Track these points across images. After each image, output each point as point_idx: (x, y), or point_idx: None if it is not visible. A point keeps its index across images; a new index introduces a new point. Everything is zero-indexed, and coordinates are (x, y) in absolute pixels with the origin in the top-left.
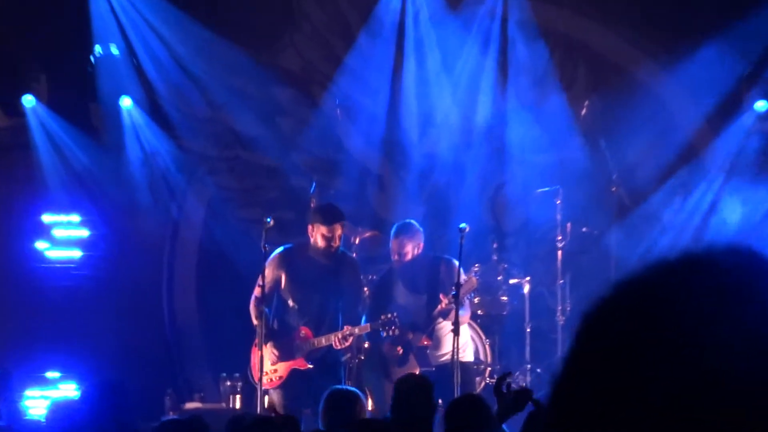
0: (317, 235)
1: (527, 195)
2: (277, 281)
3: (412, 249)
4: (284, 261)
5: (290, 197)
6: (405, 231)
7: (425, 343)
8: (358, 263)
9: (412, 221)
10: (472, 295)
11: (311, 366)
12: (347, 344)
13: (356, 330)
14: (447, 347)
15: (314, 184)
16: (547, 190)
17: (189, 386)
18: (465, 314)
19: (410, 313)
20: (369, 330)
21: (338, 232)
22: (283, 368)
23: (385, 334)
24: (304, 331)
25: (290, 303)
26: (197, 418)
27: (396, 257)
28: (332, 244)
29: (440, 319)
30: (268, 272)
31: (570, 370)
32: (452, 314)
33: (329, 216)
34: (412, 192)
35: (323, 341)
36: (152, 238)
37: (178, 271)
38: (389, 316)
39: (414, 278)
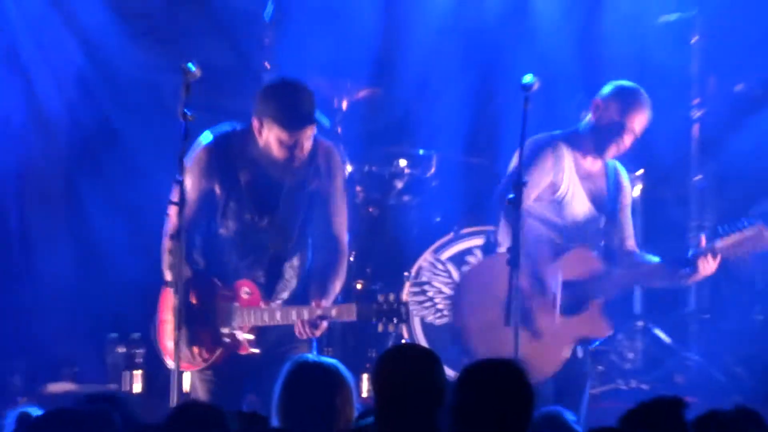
0: (270, 138)
1: None
2: (209, 194)
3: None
4: (218, 161)
5: (224, 25)
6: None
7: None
8: (339, 154)
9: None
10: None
11: (258, 351)
12: (315, 334)
13: (332, 311)
14: None
15: (271, 1)
16: None
17: (52, 356)
18: None
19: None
20: (353, 317)
21: (307, 137)
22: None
23: (381, 327)
24: (247, 287)
25: (224, 232)
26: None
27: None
28: (296, 153)
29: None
30: (192, 179)
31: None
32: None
33: (293, 116)
34: None
35: (277, 317)
36: None
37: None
38: (389, 298)
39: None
